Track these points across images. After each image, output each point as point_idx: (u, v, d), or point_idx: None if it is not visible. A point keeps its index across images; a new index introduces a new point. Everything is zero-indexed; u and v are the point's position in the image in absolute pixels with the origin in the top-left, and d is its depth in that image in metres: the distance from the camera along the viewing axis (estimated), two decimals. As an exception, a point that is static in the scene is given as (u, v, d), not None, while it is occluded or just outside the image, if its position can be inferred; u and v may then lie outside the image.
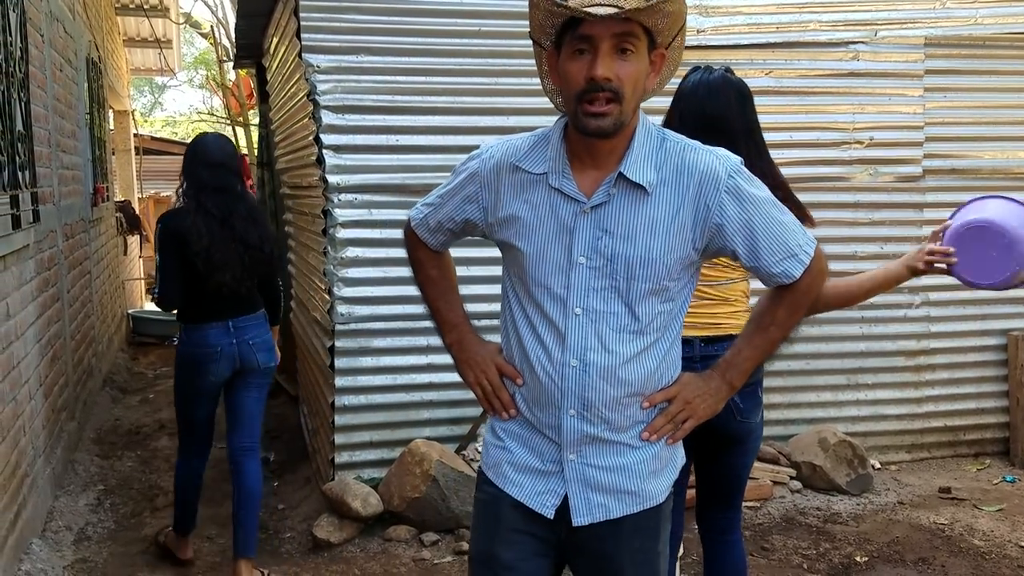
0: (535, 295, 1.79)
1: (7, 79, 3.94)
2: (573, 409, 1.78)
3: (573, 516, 1.81)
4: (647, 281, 1.74)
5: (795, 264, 1.78)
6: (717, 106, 2.54)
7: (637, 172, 1.73)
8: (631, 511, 1.82)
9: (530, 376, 1.82)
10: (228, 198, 3.66)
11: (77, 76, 6.79)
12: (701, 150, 1.77)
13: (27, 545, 3.89)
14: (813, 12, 4.84)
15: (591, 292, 1.75)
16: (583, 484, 1.81)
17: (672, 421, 1.83)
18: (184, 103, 40.73)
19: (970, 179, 5.13)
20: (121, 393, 7.22)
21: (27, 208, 4.27)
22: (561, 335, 1.76)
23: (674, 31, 1.73)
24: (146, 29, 11.56)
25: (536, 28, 1.77)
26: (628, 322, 1.76)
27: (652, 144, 1.77)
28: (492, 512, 1.90)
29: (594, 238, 1.74)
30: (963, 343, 5.20)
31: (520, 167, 1.81)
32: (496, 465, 1.90)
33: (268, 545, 4.27)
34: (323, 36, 4.29)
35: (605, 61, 1.64)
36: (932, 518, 4.36)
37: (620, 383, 1.77)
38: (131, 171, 12.12)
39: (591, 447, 1.80)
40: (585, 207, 1.74)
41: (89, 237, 6.90)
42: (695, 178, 1.73)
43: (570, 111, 1.72)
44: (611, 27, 1.63)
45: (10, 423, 3.78)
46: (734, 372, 1.86)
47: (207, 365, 3.66)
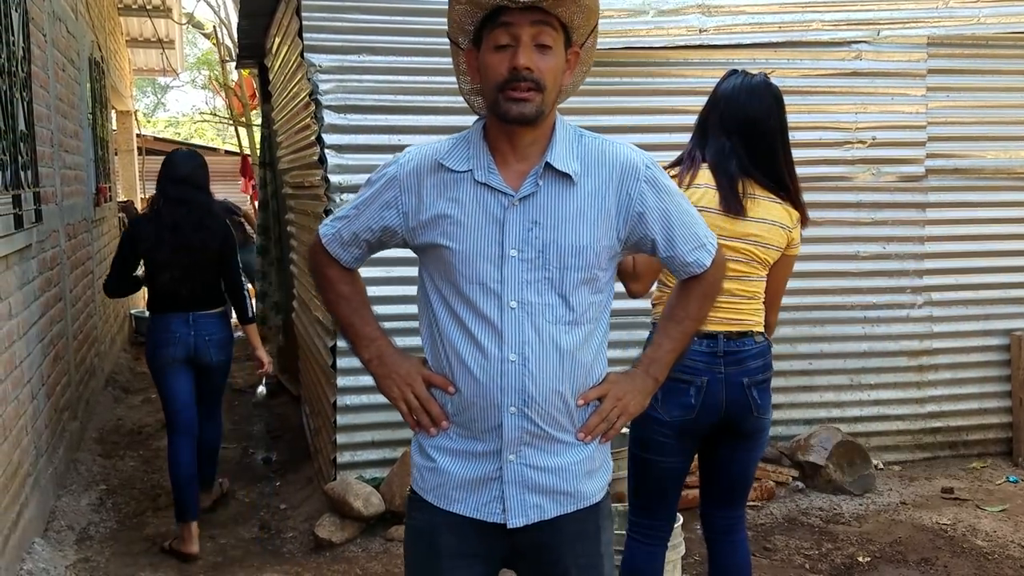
0: (467, 293, 1.76)
1: (9, 79, 3.95)
2: (514, 406, 1.76)
3: (509, 518, 1.79)
4: (579, 270, 1.76)
5: (705, 254, 1.88)
6: (759, 108, 2.65)
7: (562, 162, 1.76)
8: (565, 511, 1.83)
9: (467, 378, 1.77)
10: (184, 208, 4.19)
11: (80, 76, 6.80)
12: (617, 144, 1.83)
13: (29, 545, 3.90)
14: (816, 11, 4.83)
15: (525, 285, 1.74)
16: (520, 485, 1.79)
17: (605, 419, 1.84)
18: (187, 103, 40.80)
19: (973, 179, 5.12)
20: (123, 393, 7.23)
21: (29, 208, 4.27)
22: (498, 330, 1.74)
23: (588, 29, 1.78)
24: (149, 29, 11.57)
25: (455, 26, 1.79)
26: (563, 313, 1.76)
27: (571, 138, 1.80)
28: (428, 542, 1.86)
29: (524, 230, 1.74)
30: (966, 343, 5.19)
31: (444, 165, 1.79)
32: (436, 488, 1.84)
33: (270, 545, 4.27)
34: (325, 36, 4.29)
35: (526, 52, 1.68)
36: (935, 518, 4.36)
37: (559, 376, 1.77)
38: (134, 171, 12.14)
39: (530, 447, 1.79)
40: (514, 199, 1.75)
41: (91, 237, 6.91)
42: (616, 169, 1.79)
43: (491, 101, 1.74)
44: (530, 19, 1.68)
45: (12, 423, 3.79)
46: (657, 367, 1.91)
47: (164, 348, 4.22)
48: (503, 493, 1.79)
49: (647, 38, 4.63)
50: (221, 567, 4.04)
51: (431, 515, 1.85)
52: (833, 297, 4.99)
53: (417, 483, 1.89)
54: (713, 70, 4.73)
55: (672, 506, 2.80)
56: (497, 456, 1.79)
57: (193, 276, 4.21)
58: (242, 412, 6.70)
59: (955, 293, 5.15)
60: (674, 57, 4.71)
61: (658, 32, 4.64)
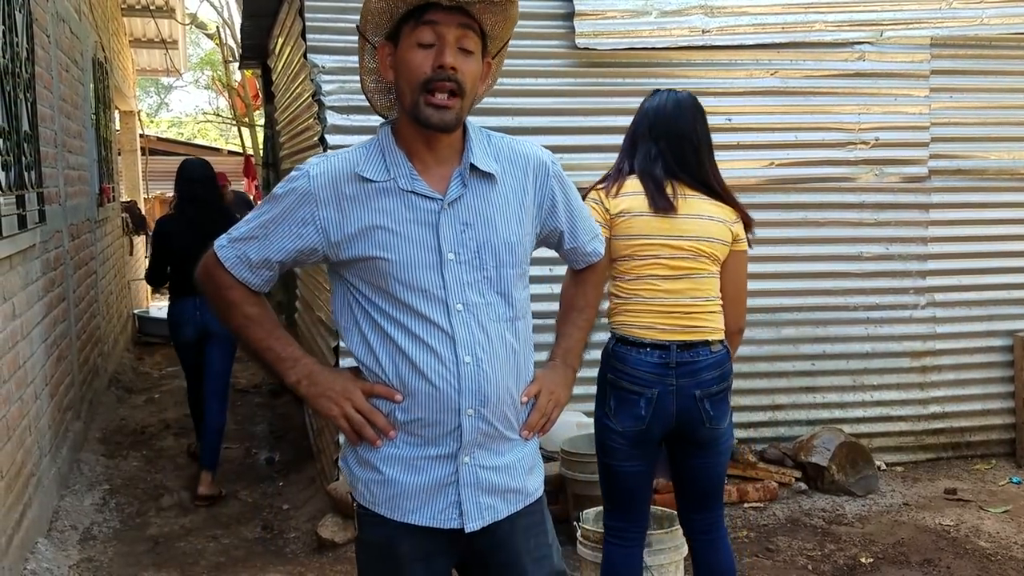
0: (410, 301, 1.73)
1: (13, 79, 3.95)
2: (471, 408, 1.75)
3: (466, 521, 1.78)
4: (515, 266, 1.80)
5: (599, 243, 2.06)
6: (685, 118, 2.78)
7: (483, 162, 1.79)
8: (515, 509, 1.85)
9: (422, 384, 1.74)
10: (199, 206, 4.94)
11: (83, 77, 6.81)
12: (523, 141, 1.89)
13: (33, 544, 3.90)
14: (819, 12, 4.83)
15: (467, 286, 1.75)
16: (475, 487, 1.79)
17: (543, 414, 1.90)
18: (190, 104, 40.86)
19: (976, 180, 5.11)
20: (127, 393, 7.24)
21: (33, 208, 4.28)
22: (449, 335, 1.73)
23: (503, 41, 1.84)
24: (152, 30, 11.59)
25: (371, 19, 1.77)
26: (504, 310, 1.79)
27: (482, 138, 1.83)
28: (387, 553, 1.84)
29: (458, 232, 1.75)
30: (969, 344, 5.18)
31: (363, 176, 1.73)
32: (389, 500, 1.80)
33: (273, 545, 4.28)
34: (328, 37, 4.29)
35: (452, 51, 1.69)
36: (937, 519, 4.35)
37: (508, 373, 1.79)
38: (137, 171, 12.16)
39: (481, 448, 1.79)
40: (443, 204, 1.74)
41: (95, 237, 6.92)
42: (530, 165, 1.85)
43: (410, 103, 1.71)
44: (456, 18, 1.69)
45: (16, 422, 3.79)
46: (572, 356, 2.01)
47: (180, 327, 5.04)
48: (459, 497, 1.78)
49: (650, 39, 4.63)
50: (224, 567, 4.05)
51: (385, 527, 1.82)
52: (836, 298, 4.98)
53: (365, 498, 1.83)
54: (716, 71, 4.75)
55: (641, 508, 2.84)
56: (452, 460, 1.78)
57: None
58: (245, 412, 6.71)
59: (958, 294, 5.15)
60: (677, 58, 4.71)
61: (661, 33, 4.64)
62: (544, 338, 2.18)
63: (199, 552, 4.22)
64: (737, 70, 4.76)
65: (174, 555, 4.19)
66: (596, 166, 4.67)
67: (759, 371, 4.90)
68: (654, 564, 3.13)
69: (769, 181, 4.85)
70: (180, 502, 4.88)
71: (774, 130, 4.85)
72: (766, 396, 4.95)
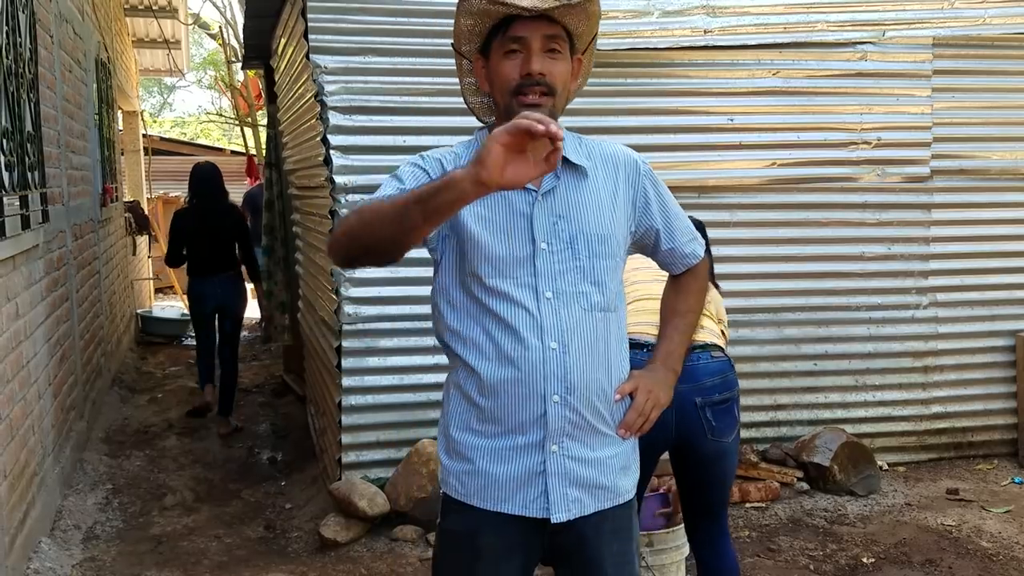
0: (502, 287, 1.80)
1: (17, 80, 3.96)
2: (557, 395, 1.79)
3: (552, 512, 1.82)
4: (607, 257, 1.84)
5: (698, 245, 2.04)
6: None
7: (575, 156, 1.85)
8: (603, 507, 1.86)
9: (508, 369, 1.79)
10: (208, 203, 6.14)
11: (86, 77, 6.82)
12: (614, 143, 1.96)
13: (36, 544, 3.91)
14: (821, 12, 4.83)
15: (558, 275, 1.81)
16: (562, 478, 1.82)
17: (641, 413, 1.91)
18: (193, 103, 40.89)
19: (978, 180, 5.11)
20: (130, 392, 7.25)
21: (36, 208, 4.29)
22: (537, 320, 1.79)
23: (590, 37, 1.88)
24: (155, 30, 11.59)
25: (461, 37, 1.86)
26: (596, 300, 1.83)
27: (573, 138, 1.90)
28: (470, 545, 1.87)
29: (551, 223, 1.82)
30: (971, 344, 5.18)
31: None
32: (480, 490, 1.85)
33: (275, 544, 4.29)
34: (331, 37, 4.30)
35: (538, 57, 1.77)
36: (939, 519, 4.35)
37: (598, 363, 1.83)
38: (140, 171, 12.16)
39: (571, 439, 1.82)
40: (537, 195, 1.82)
41: (98, 237, 6.93)
42: (620, 164, 1.91)
43: (505, 107, 1.81)
44: (540, 28, 1.76)
45: (20, 422, 3.80)
46: (674, 359, 2.02)
47: (200, 302, 6.14)
48: (547, 487, 1.82)
49: (652, 39, 4.63)
50: (226, 566, 4.06)
51: (471, 517, 1.86)
52: (838, 298, 4.98)
53: (456, 489, 1.88)
54: (718, 71, 4.75)
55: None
56: (540, 448, 1.82)
57: (217, 249, 6.10)
58: (248, 412, 6.71)
59: (960, 294, 5.14)
60: (679, 58, 4.71)
61: (663, 33, 4.64)
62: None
63: (202, 551, 4.23)
64: (739, 70, 4.77)
65: (177, 554, 4.20)
66: (598, 166, 4.68)
67: (761, 371, 4.91)
68: (655, 564, 3.14)
69: (771, 181, 4.85)
70: (183, 501, 4.89)
71: (776, 130, 4.85)
72: (768, 396, 4.95)
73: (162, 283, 12.61)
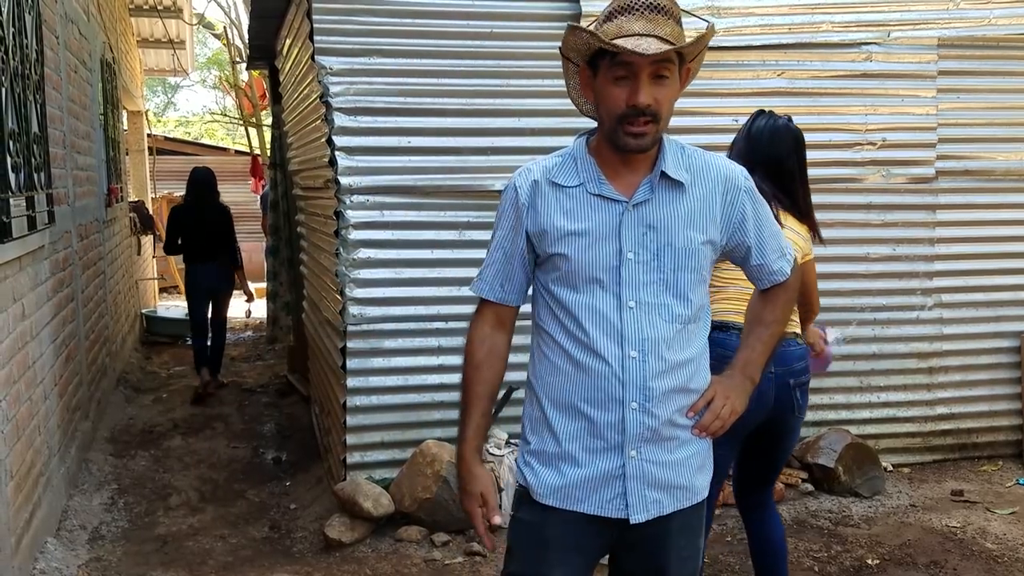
0: (586, 295, 1.87)
1: (23, 81, 3.97)
2: (635, 402, 1.85)
3: (631, 514, 1.88)
4: (692, 271, 1.89)
5: (787, 263, 2.06)
6: (779, 149, 2.97)
7: (675, 171, 1.89)
8: (681, 505, 1.93)
9: (588, 375, 1.86)
10: (202, 201, 7.12)
11: (91, 77, 6.83)
12: (718, 156, 1.99)
13: (42, 544, 3.93)
14: (825, 13, 4.82)
15: (642, 286, 1.86)
16: (641, 481, 1.88)
17: (718, 416, 1.95)
18: (197, 103, 40.88)
19: (983, 180, 5.11)
20: (135, 392, 7.26)
21: (42, 209, 4.30)
22: (618, 329, 1.84)
23: (696, 52, 1.92)
24: (159, 30, 11.61)
25: (570, 48, 1.89)
26: (678, 312, 1.88)
27: (676, 150, 1.93)
28: (538, 534, 1.94)
29: (640, 234, 1.86)
30: (976, 345, 5.17)
31: (556, 183, 1.91)
32: (558, 490, 1.92)
33: (280, 545, 4.29)
34: (336, 38, 4.30)
35: (646, 89, 1.79)
36: (944, 521, 4.35)
37: (674, 372, 1.87)
38: (144, 171, 12.18)
39: (650, 443, 1.88)
40: (628, 206, 1.87)
41: (103, 237, 6.94)
42: (720, 178, 1.93)
43: (609, 129, 1.86)
44: (650, 56, 1.76)
45: (26, 423, 3.81)
46: (752, 368, 2.04)
47: (192, 284, 7.18)
48: (626, 489, 1.88)
49: (657, 40, 4.62)
50: (232, 567, 4.07)
51: (544, 512, 1.93)
52: (843, 299, 4.98)
53: (535, 490, 1.95)
54: (723, 71, 4.74)
55: (715, 498, 2.99)
56: (619, 452, 1.87)
57: (209, 241, 7.05)
58: (252, 412, 6.73)
59: (965, 295, 5.14)
60: (683, 59, 4.70)
61: (668, 34, 4.63)
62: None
63: (207, 551, 4.24)
64: (744, 71, 4.76)
65: (182, 554, 4.20)
66: (603, 167, 4.68)
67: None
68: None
69: (776, 182, 4.84)
70: (188, 501, 4.90)
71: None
72: (772, 397, 4.94)
73: (166, 283, 12.62)
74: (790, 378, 2.81)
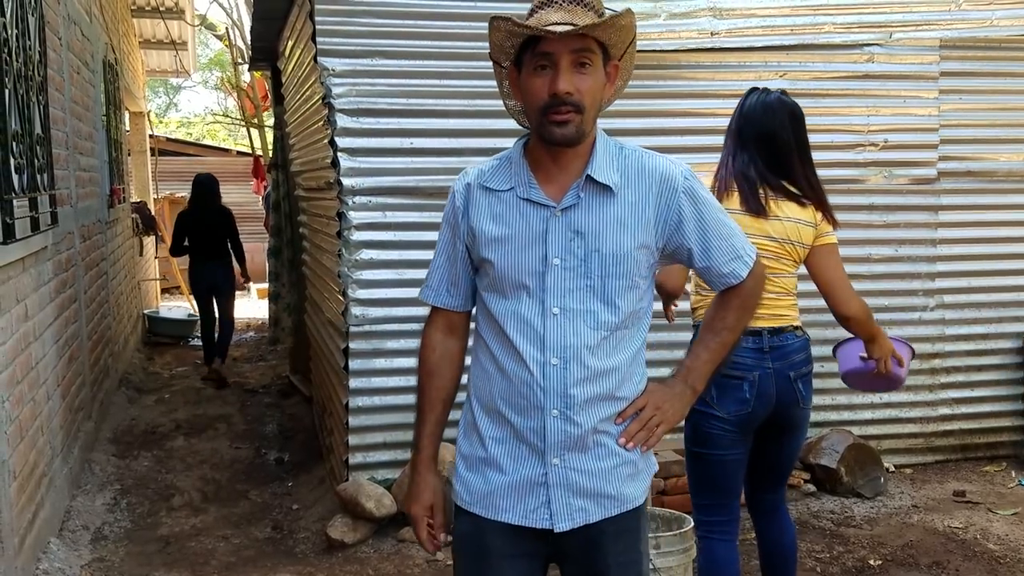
0: (512, 301, 1.85)
1: (26, 82, 3.98)
2: (556, 409, 1.82)
3: (555, 522, 1.85)
4: (620, 278, 1.83)
5: (741, 265, 1.94)
6: (771, 122, 2.87)
7: (602, 174, 1.84)
8: (609, 514, 1.88)
9: (510, 381, 1.85)
10: (205, 205, 7.64)
11: (94, 78, 6.84)
12: (657, 156, 1.91)
13: (45, 544, 3.93)
14: (827, 14, 4.82)
15: (567, 292, 1.82)
16: (565, 489, 1.85)
17: (646, 427, 1.90)
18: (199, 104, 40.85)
19: (985, 181, 5.11)
20: (137, 393, 7.27)
21: (45, 211, 4.31)
22: (540, 335, 1.82)
23: (626, 43, 1.84)
24: (162, 31, 11.63)
25: (496, 49, 1.86)
26: (604, 319, 1.83)
27: (612, 151, 1.88)
28: (477, 543, 1.92)
29: (566, 240, 1.83)
30: (978, 346, 5.17)
31: (488, 187, 1.89)
32: (483, 498, 1.90)
33: (283, 545, 4.30)
34: (338, 40, 4.31)
35: (566, 76, 1.75)
36: (946, 522, 4.35)
37: (598, 380, 1.84)
38: (147, 172, 12.19)
39: (573, 451, 1.85)
40: (555, 211, 1.83)
41: (105, 238, 6.95)
42: (655, 180, 1.86)
43: (535, 124, 1.82)
44: (569, 44, 1.74)
45: (28, 423, 3.82)
46: (695, 376, 1.96)
47: (197, 284, 7.77)
48: (549, 498, 1.85)
49: (658, 41, 4.63)
50: (234, 567, 4.07)
51: (476, 522, 1.91)
52: (845, 300, 4.97)
53: (462, 497, 1.94)
54: (725, 73, 4.75)
55: (738, 499, 2.92)
56: (541, 460, 1.85)
57: (212, 242, 7.58)
58: (255, 412, 6.73)
59: (967, 296, 5.14)
60: (686, 60, 4.71)
61: (669, 35, 4.65)
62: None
63: (210, 552, 4.25)
64: (746, 72, 4.76)
65: (185, 555, 4.21)
66: (605, 168, 4.68)
67: (768, 373, 4.90)
68: (663, 566, 3.14)
69: (778, 183, 4.84)
70: (191, 502, 4.91)
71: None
72: (775, 398, 4.94)
73: (168, 284, 12.63)
74: (790, 371, 2.81)
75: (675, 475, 4.25)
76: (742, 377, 2.75)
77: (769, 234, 2.79)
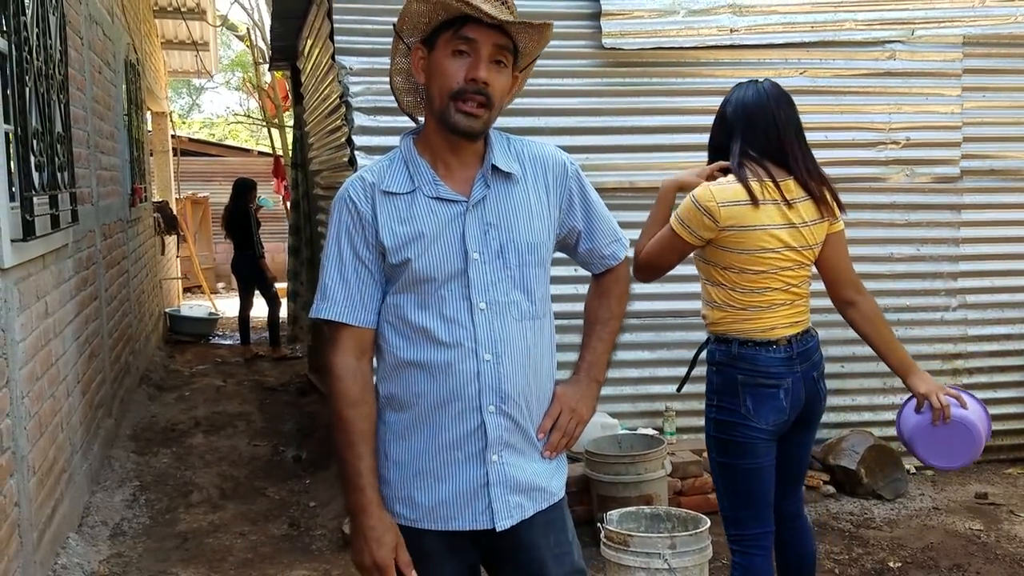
0: (436, 302, 1.79)
1: (47, 81, 4.01)
2: (492, 405, 1.80)
3: (497, 520, 1.83)
4: (535, 265, 1.85)
5: (620, 247, 2.00)
6: (760, 105, 2.78)
7: (504, 163, 1.85)
8: (540, 507, 1.89)
9: (445, 382, 1.79)
10: (237, 205, 9.02)
11: (115, 78, 6.89)
12: (543, 144, 1.95)
13: (64, 539, 3.96)
14: (849, 11, 4.78)
15: (491, 285, 1.81)
16: (504, 486, 1.84)
17: (565, 433, 1.92)
18: (221, 105, 41.22)
19: (1008, 180, 5.05)
20: (157, 391, 7.32)
21: (66, 208, 4.34)
22: (471, 332, 1.79)
23: (533, 57, 1.87)
24: (183, 31, 11.71)
25: (409, 19, 1.81)
26: (527, 309, 1.84)
27: (503, 141, 1.89)
28: (413, 547, 1.85)
29: (482, 232, 1.81)
30: (1001, 346, 5.11)
31: (389, 191, 1.81)
32: (431, 511, 1.84)
33: (299, 542, 4.31)
34: (356, 39, 4.32)
35: (486, 65, 1.75)
36: (967, 524, 4.30)
37: (529, 370, 1.84)
38: (169, 172, 12.28)
39: (508, 447, 1.84)
40: (468, 205, 1.81)
41: (127, 237, 7.00)
42: (549, 166, 1.90)
43: (439, 107, 1.78)
44: (493, 37, 1.74)
45: (48, 419, 3.85)
46: (597, 369, 1.99)
47: (238, 271, 9.25)
48: (490, 496, 1.83)
49: (677, 38, 4.61)
50: (251, 563, 4.09)
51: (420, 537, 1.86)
52: (865, 299, 4.93)
53: (404, 516, 1.85)
54: (744, 70, 4.72)
55: (772, 508, 2.85)
56: (481, 460, 1.82)
57: (236, 236, 9.02)
58: (273, 410, 6.76)
59: (990, 295, 5.08)
60: (705, 57, 4.69)
61: (689, 32, 4.62)
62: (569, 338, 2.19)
63: (227, 548, 4.26)
64: (766, 69, 4.72)
65: (202, 551, 4.23)
66: (622, 166, 4.67)
67: (787, 373, 4.86)
68: (679, 567, 3.12)
69: (798, 181, 4.80)
70: (209, 499, 4.93)
71: (804, 130, 4.79)
72: (794, 398, 4.90)
73: (190, 282, 12.72)
74: (813, 371, 2.81)
75: (693, 476, 4.22)
76: (777, 385, 2.73)
77: (790, 244, 2.68)
